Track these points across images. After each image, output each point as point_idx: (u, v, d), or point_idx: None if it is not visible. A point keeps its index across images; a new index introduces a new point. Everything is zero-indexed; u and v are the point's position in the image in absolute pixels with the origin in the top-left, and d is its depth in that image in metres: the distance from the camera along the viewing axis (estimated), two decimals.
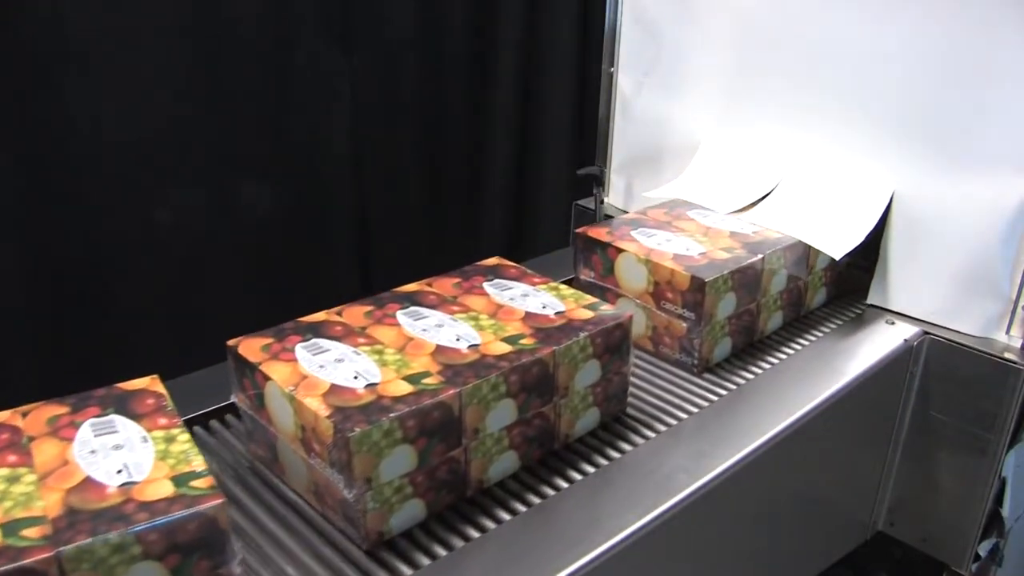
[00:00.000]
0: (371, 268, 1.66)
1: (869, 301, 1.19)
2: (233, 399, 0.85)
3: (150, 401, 0.74)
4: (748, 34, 1.28)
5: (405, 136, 1.64)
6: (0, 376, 1.22)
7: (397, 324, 0.86)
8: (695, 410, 0.95)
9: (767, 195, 1.24)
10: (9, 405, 0.73)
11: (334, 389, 0.75)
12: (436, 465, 0.76)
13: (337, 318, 0.88)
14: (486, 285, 0.95)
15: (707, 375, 1.03)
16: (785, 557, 1.08)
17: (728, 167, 1.32)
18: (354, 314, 0.88)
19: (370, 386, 0.75)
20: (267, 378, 0.78)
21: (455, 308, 0.90)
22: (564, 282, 1.03)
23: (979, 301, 1.09)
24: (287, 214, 1.49)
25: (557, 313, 0.89)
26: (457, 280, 0.97)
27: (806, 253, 1.12)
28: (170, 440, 0.69)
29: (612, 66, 1.48)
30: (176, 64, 1.30)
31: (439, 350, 0.82)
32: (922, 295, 1.14)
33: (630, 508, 0.79)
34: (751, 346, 1.09)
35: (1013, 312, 1.08)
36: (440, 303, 0.91)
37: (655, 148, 1.46)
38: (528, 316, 0.88)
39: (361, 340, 0.83)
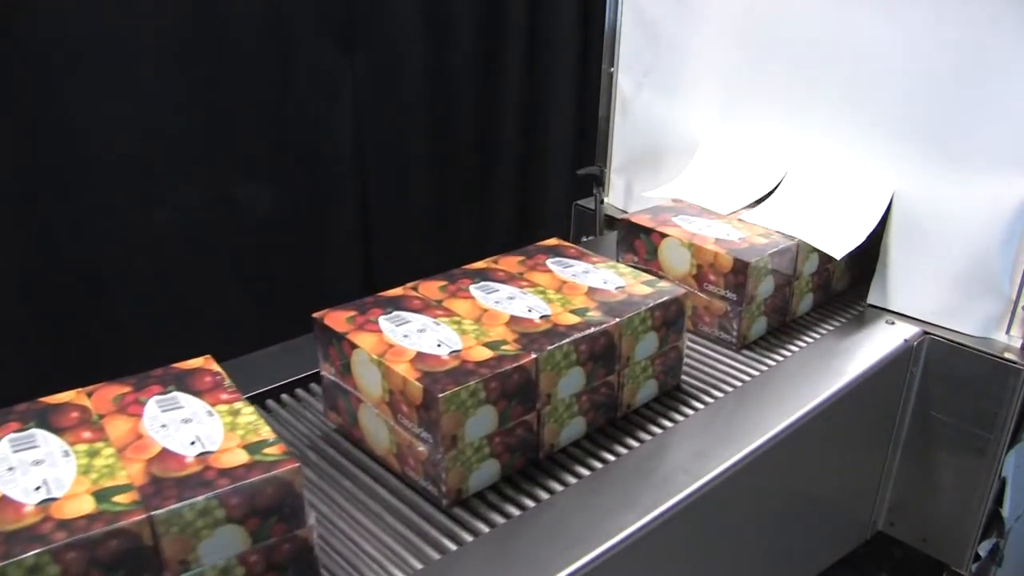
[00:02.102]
0: (373, 268, 1.66)
1: (869, 301, 1.19)
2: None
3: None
4: (748, 34, 1.28)
5: (407, 136, 1.64)
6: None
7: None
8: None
9: (767, 195, 1.24)
10: (8, 403, 0.73)
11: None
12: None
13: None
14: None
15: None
16: (785, 557, 1.08)
17: (728, 167, 1.32)
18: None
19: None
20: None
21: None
22: None
23: (979, 301, 1.09)
24: (289, 214, 1.49)
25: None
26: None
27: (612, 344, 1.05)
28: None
29: (612, 66, 1.48)
30: (177, 64, 1.29)
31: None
32: (922, 295, 1.14)
33: (630, 508, 0.79)
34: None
35: (1013, 312, 1.08)
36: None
37: (655, 148, 1.46)
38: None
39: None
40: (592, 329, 0.85)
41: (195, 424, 0.71)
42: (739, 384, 1.01)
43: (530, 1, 1.75)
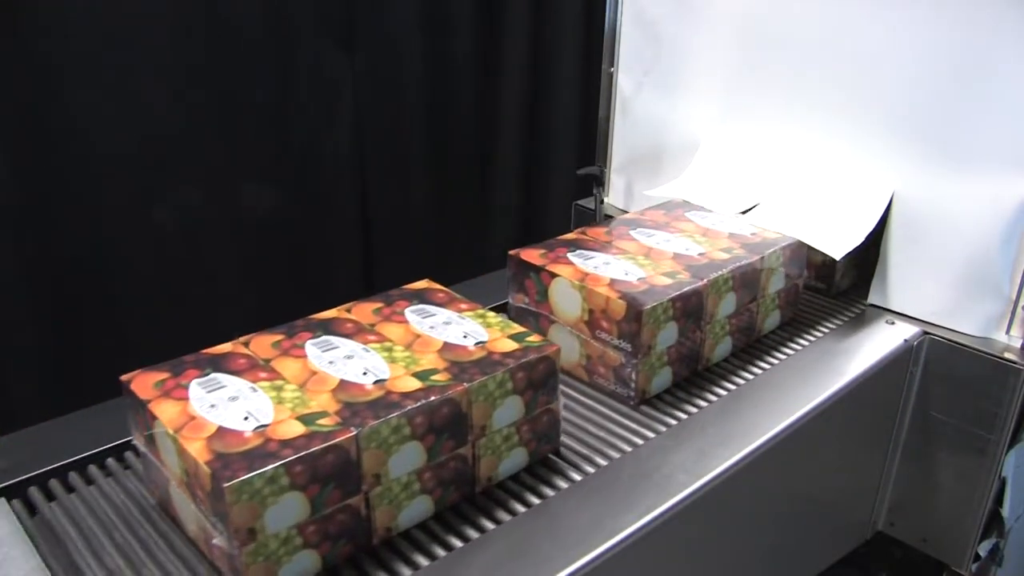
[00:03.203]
0: (375, 267, 1.66)
1: (869, 301, 1.19)
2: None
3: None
4: (748, 34, 1.28)
5: (408, 136, 1.64)
6: (1, 375, 1.22)
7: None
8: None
9: (767, 195, 1.24)
10: (9, 403, 0.73)
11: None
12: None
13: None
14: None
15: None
16: (785, 557, 1.08)
17: (728, 167, 1.32)
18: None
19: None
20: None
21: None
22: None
23: (979, 301, 1.09)
24: (290, 214, 1.50)
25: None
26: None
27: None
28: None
29: (612, 66, 1.48)
30: (178, 64, 1.30)
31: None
32: (922, 295, 1.14)
33: (630, 508, 0.79)
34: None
35: (1013, 312, 1.08)
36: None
37: (655, 148, 1.46)
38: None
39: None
40: (433, 397, 0.74)
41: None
42: (629, 449, 0.88)
43: (533, 1, 1.75)
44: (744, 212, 1.22)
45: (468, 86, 1.72)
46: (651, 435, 0.90)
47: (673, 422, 0.93)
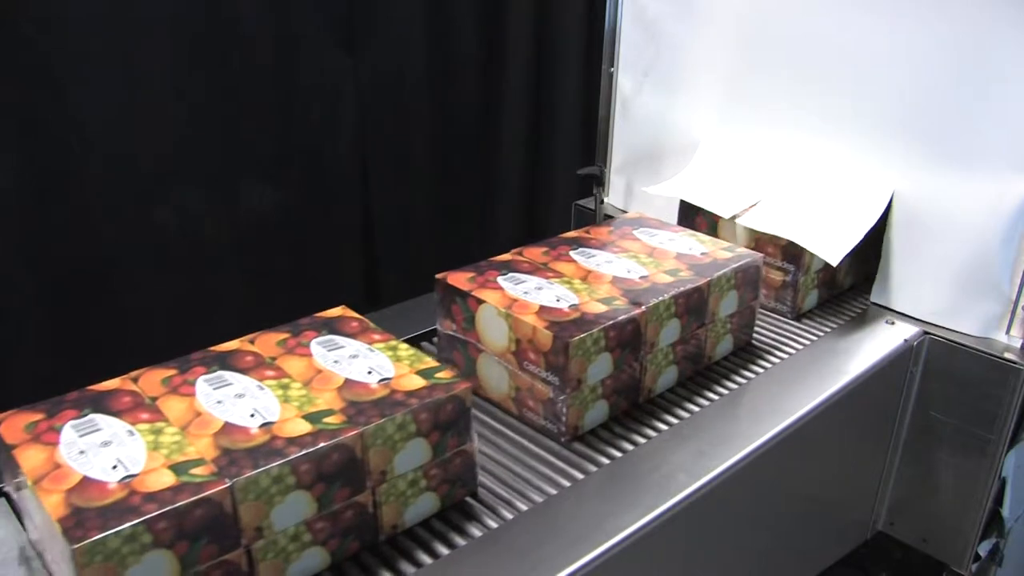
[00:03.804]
0: (378, 269, 1.66)
1: (872, 300, 1.19)
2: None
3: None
4: (748, 34, 1.28)
5: (411, 137, 1.64)
6: (1, 374, 1.22)
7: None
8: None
9: (766, 195, 1.24)
10: (12, 403, 0.73)
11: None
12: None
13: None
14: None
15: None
16: (785, 557, 1.08)
17: (728, 166, 1.32)
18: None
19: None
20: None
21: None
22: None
23: (979, 301, 1.09)
24: (292, 215, 1.49)
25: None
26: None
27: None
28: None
29: (612, 66, 1.48)
30: (180, 64, 1.29)
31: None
32: (922, 295, 1.14)
33: (630, 508, 0.79)
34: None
35: (1013, 312, 1.08)
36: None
37: (655, 148, 1.46)
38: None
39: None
40: (322, 443, 0.69)
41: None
42: (553, 492, 0.82)
43: (535, 0, 1.75)
44: (744, 211, 1.22)
45: (471, 86, 1.72)
46: (579, 476, 0.83)
47: (606, 460, 0.86)
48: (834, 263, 1.12)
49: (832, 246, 1.12)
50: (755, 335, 1.11)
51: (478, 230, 1.85)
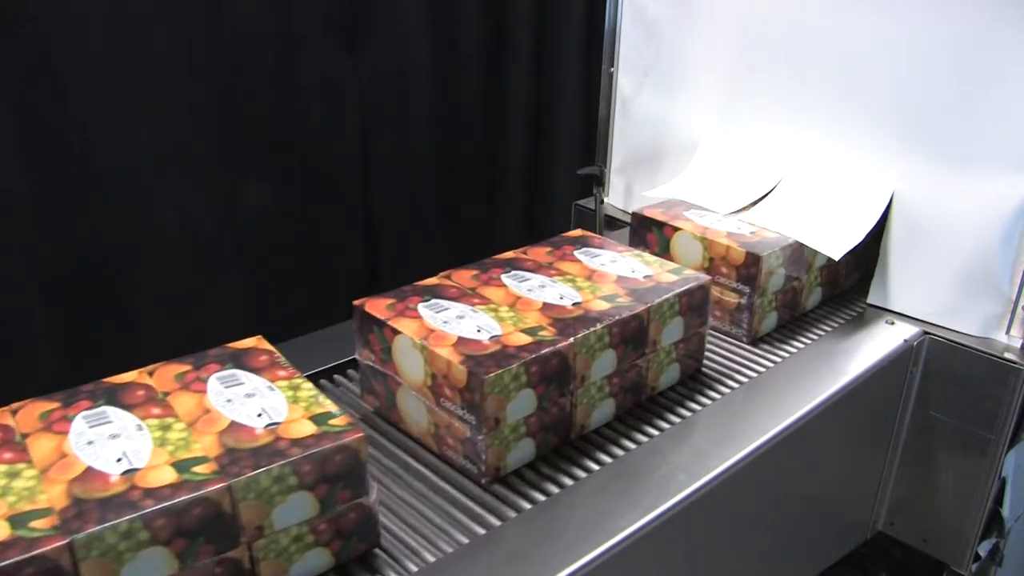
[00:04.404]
0: (379, 268, 1.66)
1: (870, 300, 1.19)
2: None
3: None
4: (748, 34, 1.28)
5: (412, 137, 1.64)
6: (2, 373, 1.22)
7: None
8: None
9: (767, 195, 1.24)
10: (14, 399, 0.73)
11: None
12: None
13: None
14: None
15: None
16: (785, 557, 1.08)
17: (728, 167, 1.32)
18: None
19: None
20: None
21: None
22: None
23: (979, 301, 1.09)
24: (294, 214, 1.49)
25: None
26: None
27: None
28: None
29: (612, 66, 1.48)
30: (181, 63, 1.29)
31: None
32: (922, 295, 1.14)
33: (630, 508, 0.79)
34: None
35: (1013, 312, 1.08)
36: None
37: (655, 148, 1.46)
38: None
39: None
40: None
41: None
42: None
43: (536, 1, 1.75)
44: (742, 210, 1.22)
45: (473, 86, 1.72)
46: (496, 522, 0.78)
47: (528, 505, 0.80)
48: (836, 258, 1.12)
49: (834, 242, 1.12)
50: (707, 361, 1.05)
51: (479, 230, 1.85)
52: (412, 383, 0.87)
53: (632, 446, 0.90)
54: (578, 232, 1.12)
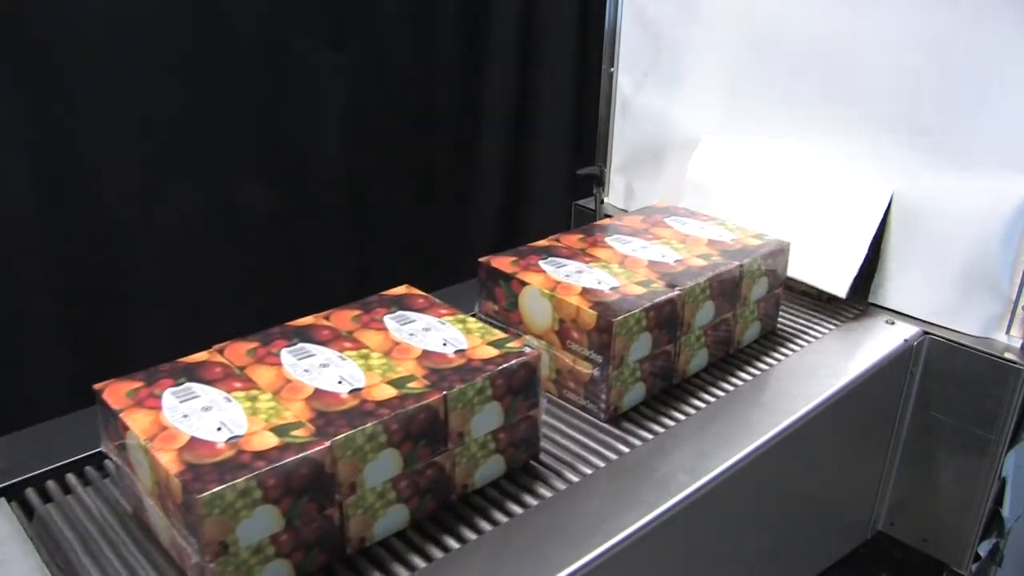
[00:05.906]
0: (368, 267, 1.65)
1: (870, 300, 1.19)
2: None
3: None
4: (748, 34, 1.28)
5: (399, 135, 1.64)
6: (2, 372, 1.22)
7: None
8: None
9: (765, 196, 1.24)
10: (10, 401, 0.73)
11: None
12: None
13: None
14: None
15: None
16: (785, 557, 1.08)
17: (728, 167, 1.32)
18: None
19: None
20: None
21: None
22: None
23: (979, 301, 1.09)
24: (280, 213, 1.49)
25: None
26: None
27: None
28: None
29: (612, 66, 1.48)
30: (167, 63, 1.29)
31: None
32: (922, 295, 1.14)
33: (630, 508, 0.79)
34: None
35: (1013, 312, 1.08)
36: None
37: (655, 148, 1.46)
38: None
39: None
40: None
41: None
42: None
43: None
44: (741, 212, 1.22)
45: (461, 85, 1.72)
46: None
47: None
48: (842, 295, 1.12)
49: (835, 275, 1.12)
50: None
51: (468, 229, 1.84)
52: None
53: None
54: (402, 290, 0.95)
